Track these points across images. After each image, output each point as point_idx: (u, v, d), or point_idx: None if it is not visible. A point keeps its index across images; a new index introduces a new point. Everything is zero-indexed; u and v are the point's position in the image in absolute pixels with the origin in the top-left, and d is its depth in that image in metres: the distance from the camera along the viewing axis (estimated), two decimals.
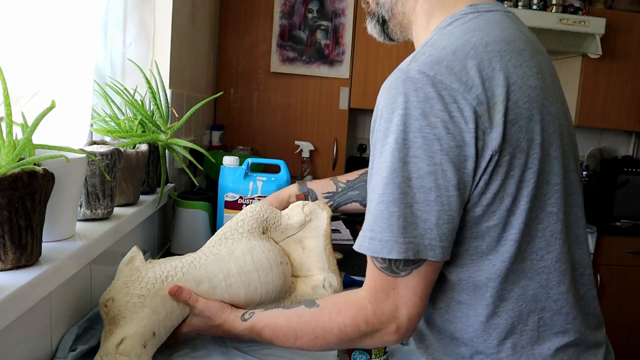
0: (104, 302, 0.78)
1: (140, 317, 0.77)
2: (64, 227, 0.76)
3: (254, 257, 0.87)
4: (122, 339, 0.73)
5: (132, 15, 1.33)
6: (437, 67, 0.62)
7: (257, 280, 0.86)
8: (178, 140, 1.18)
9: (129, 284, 0.79)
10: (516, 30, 0.70)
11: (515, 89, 0.63)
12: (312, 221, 0.96)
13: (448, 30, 0.69)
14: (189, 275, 0.83)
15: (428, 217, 0.61)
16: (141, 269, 0.82)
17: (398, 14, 0.80)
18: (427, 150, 0.60)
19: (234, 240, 0.89)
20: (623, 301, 2.58)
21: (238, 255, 0.87)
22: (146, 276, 0.81)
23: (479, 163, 0.62)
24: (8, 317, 0.57)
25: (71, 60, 0.95)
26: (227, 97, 2.43)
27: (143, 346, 0.75)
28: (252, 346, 0.88)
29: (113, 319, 0.77)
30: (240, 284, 0.85)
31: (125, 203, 1.04)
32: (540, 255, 0.67)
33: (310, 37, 2.44)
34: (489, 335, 0.68)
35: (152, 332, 0.77)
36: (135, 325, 0.76)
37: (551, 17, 2.40)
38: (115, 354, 0.72)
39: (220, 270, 0.85)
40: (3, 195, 0.58)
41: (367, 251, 0.64)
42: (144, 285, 0.79)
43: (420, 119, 0.60)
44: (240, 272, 0.85)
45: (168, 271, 0.83)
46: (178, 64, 1.57)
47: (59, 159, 0.66)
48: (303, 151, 2.45)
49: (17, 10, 0.81)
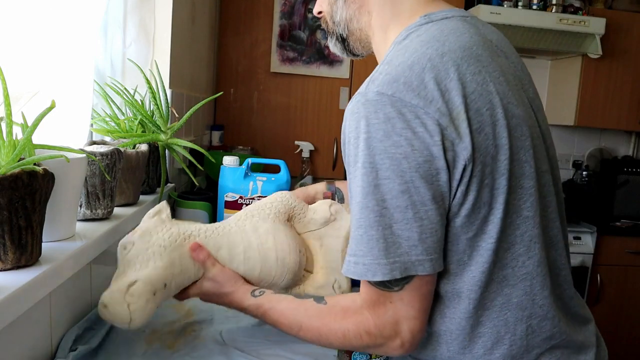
0: (124, 244, 0.79)
1: (157, 266, 0.77)
2: (64, 227, 0.76)
3: (276, 238, 0.87)
4: (135, 281, 0.74)
5: (132, 15, 1.33)
6: (395, 84, 0.62)
7: (274, 260, 0.86)
8: (178, 140, 1.18)
9: (152, 233, 0.80)
10: (474, 35, 0.69)
11: (474, 97, 0.63)
12: (336, 221, 0.96)
13: (404, 45, 0.69)
14: (211, 239, 0.84)
15: (410, 235, 0.61)
16: (166, 222, 0.83)
17: (355, 31, 0.80)
18: (395, 170, 0.60)
19: (260, 219, 0.89)
20: (623, 301, 2.58)
21: (261, 233, 0.87)
22: (170, 230, 0.82)
23: (453, 174, 0.62)
24: (8, 317, 0.57)
25: (71, 60, 0.95)
26: (227, 97, 2.43)
27: (153, 293, 0.75)
28: (253, 346, 0.88)
29: (129, 262, 0.78)
30: (257, 260, 0.85)
31: (125, 203, 1.04)
32: (521, 261, 0.67)
33: (310, 37, 2.44)
34: (475, 344, 0.68)
35: (164, 284, 0.77)
36: (151, 272, 0.76)
37: (551, 17, 2.40)
38: (125, 293, 0.73)
39: (241, 242, 0.86)
40: (3, 195, 0.58)
41: (354, 275, 0.65)
42: (167, 237, 0.80)
43: (384, 139, 0.60)
44: (260, 249, 0.86)
45: (192, 230, 0.84)
46: (178, 64, 1.57)
47: (59, 159, 0.66)
48: (303, 151, 2.45)
49: (17, 10, 0.81)
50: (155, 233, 0.81)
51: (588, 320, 0.77)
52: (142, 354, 0.82)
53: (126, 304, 0.73)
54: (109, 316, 0.73)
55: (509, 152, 0.64)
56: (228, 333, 0.92)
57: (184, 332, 0.91)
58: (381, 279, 0.62)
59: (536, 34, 2.44)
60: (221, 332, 0.92)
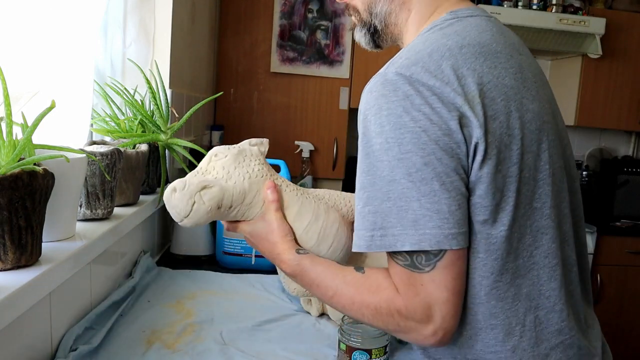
0: (218, 151, 0.82)
1: (235, 186, 0.80)
2: (64, 227, 0.76)
3: (339, 230, 0.87)
4: (212, 186, 0.77)
5: (132, 15, 1.34)
6: (414, 67, 0.64)
7: (327, 247, 0.85)
8: (178, 140, 1.18)
9: (246, 158, 0.83)
10: (495, 33, 0.72)
11: (490, 87, 0.65)
12: None
13: (426, 36, 0.71)
14: (288, 194, 0.84)
15: (440, 208, 0.61)
16: (260, 157, 0.85)
17: (390, 25, 0.81)
18: (416, 144, 0.61)
19: (334, 208, 0.90)
20: (623, 301, 2.58)
21: (330, 218, 0.87)
22: (262, 164, 0.84)
23: (469, 150, 0.63)
24: (8, 317, 0.57)
25: (71, 60, 0.95)
26: (227, 97, 2.43)
27: (218, 207, 0.78)
28: (253, 346, 0.88)
29: (213, 168, 0.81)
30: (314, 236, 0.84)
31: (125, 203, 1.04)
32: (530, 252, 0.67)
33: (310, 37, 2.44)
34: (487, 335, 0.68)
35: (231, 205, 0.80)
36: (229, 187, 0.79)
37: (551, 17, 2.40)
38: (198, 191, 0.76)
39: (311, 213, 0.85)
40: (3, 195, 0.58)
41: (380, 248, 0.64)
42: (257, 169, 0.82)
43: (403, 115, 0.62)
44: (322, 229, 0.84)
45: (278, 177, 0.85)
46: (178, 64, 1.57)
47: (59, 159, 0.66)
48: (303, 151, 2.45)
49: (17, 10, 0.81)
50: (248, 159, 0.83)
51: (592, 325, 0.77)
52: (143, 354, 0.82)
53: (193, 201, 0.76)
54: (171, 201, 0.76)
55: (520, 142, 0.65)
56: (228, 333, 0.92)
57: (184, 332, 0.91)
58: (409, 248, 0.61)
59: (536, 34, 2.44)
60: (221, 332, 0.92)
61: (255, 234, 0.83)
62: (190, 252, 1.35)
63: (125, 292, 1.00)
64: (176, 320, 0.95)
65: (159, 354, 0.83)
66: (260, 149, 0.86)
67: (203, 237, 1.36)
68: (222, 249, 1.31)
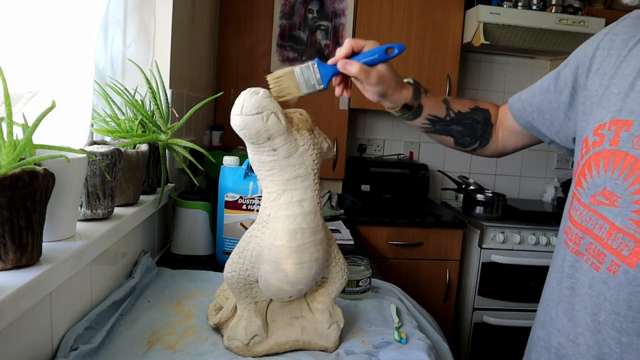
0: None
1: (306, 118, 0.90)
2: (64, 227, 0.76)
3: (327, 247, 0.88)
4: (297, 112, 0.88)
5: (132, 15, 1.34)
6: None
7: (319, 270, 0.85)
8: (178, 140, 1.18)
9: None
10: None
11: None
12: None
13: None
14: None
15: None
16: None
17: None
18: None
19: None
20: None
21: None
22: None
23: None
24: (9, 317, 0.57)
25: (71, 60, 0.95)
26: (227, 97, 2.41)
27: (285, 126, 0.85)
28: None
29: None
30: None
31: (125, 203, 1.04)
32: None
33: (310, 37, 2.44)
34: None
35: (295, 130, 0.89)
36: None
37: (551, 18, 2.40)
38: (277, 104, 0.84)
39: None
40: (4, 195, 0.58)
41: None
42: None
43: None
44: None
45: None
46: (178, 64, 1.57)
47: (60, 159, 0.66)
48: None
49: (17, 10, 0.81)
50: None
51: None
52: (143, 354, 0.82)
53: (270, 112, 0.81)
54: (246, 102, 0.80)
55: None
56: None
57: (185, 333, 0.91)
58: None
59: (536, 34, 2.44)
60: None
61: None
62: (190, 252, 1.35)
63: (125, 292, 1.00)
64: (177, 321, 0.95)
65: (160, 354, 0.83)
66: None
67: (203, 237, 1.36)
68: (222, 249, 1.31)
